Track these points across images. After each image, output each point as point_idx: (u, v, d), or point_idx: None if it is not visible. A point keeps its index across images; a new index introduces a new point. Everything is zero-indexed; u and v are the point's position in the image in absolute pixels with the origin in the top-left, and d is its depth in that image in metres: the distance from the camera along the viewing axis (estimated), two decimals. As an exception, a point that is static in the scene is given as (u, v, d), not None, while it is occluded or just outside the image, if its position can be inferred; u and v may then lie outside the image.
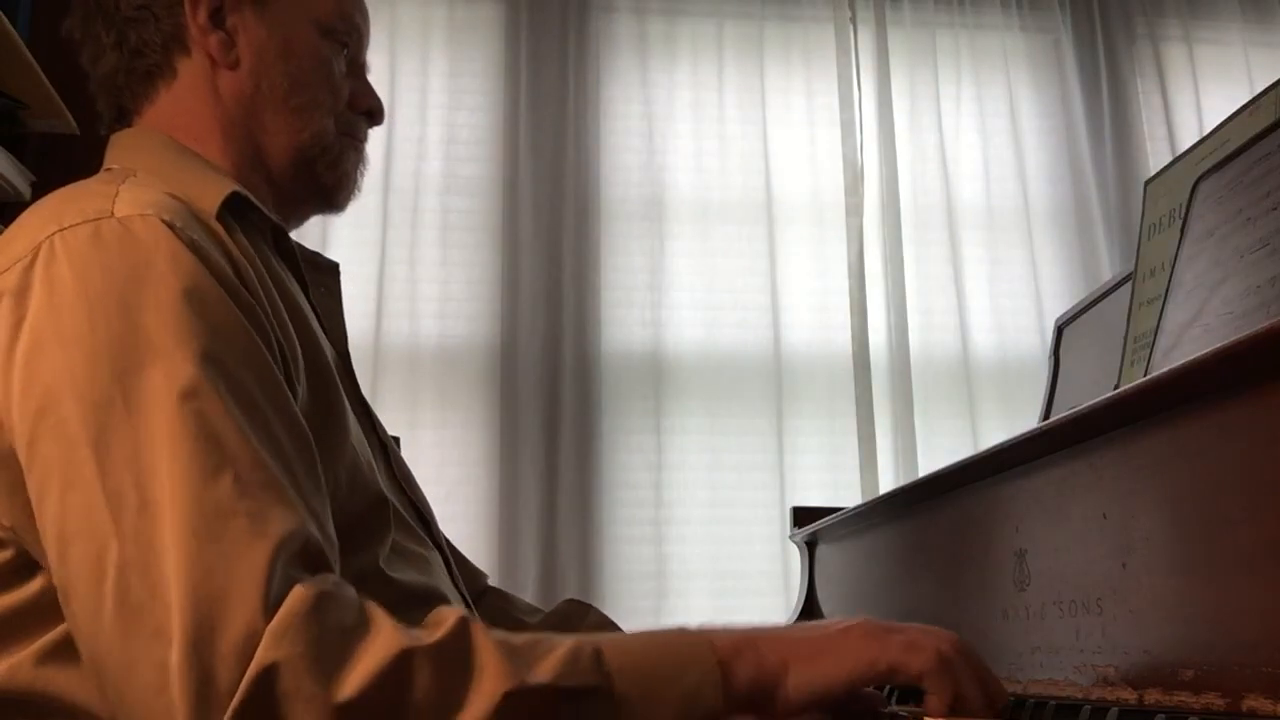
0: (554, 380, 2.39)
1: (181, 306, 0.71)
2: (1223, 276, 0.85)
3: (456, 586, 0.95)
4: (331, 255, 1.02)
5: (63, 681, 0.70)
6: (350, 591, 0.67)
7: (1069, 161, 2.69)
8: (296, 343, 0.81)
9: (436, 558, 0.94)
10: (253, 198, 0.88)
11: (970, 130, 2.68)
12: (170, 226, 0.74)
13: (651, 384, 2.43)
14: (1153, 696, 0.66)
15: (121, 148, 0.94)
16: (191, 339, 0.70)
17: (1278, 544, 0.57)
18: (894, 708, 0.82)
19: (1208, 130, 1.10)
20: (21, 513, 0.70)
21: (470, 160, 2.50)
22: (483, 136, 2.52)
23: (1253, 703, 0.58)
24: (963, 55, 2.71)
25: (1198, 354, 0.61)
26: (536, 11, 2.57)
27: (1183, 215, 0.96)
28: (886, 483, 2.39)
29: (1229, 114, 1.06)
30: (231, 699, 0.60)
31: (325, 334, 0.91)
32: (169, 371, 0.68)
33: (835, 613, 1.35)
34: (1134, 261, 1.19)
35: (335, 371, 0.87)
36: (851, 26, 2.71)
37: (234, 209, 0.84)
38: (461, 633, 0.66)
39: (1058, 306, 2.27)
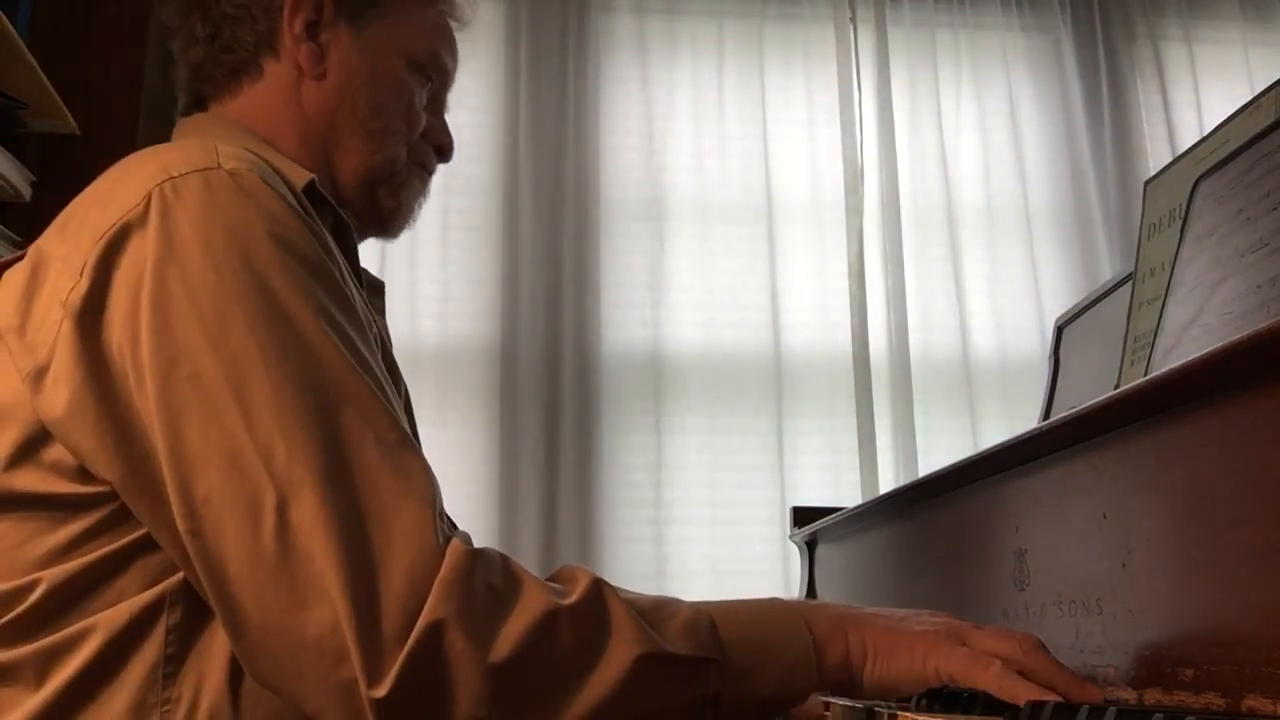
0: (554, 380, 2.38)
1: (300, 267, 0.73)
2: (1223, 276, 0.85)
3: None
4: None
5: None
6: (493, 551, 0.70)
7: (1069, 161, 2.69)
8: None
9: None
10: (324, 192, 0.88)
11: (970, 130, 2.68)
12: (273, 188, 0.76)
13: (651, 384, 2.43)
14: (1152, 696, 0.66)
15: (194, 131, 0.94)
16: (312, 299, 0.72)
17: (1277, 544, 0.57)
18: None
19: (1208, 130, 1.10)
20: (126, 465, 0.71)
21: (470, 160, 2.49)
22: (483, 136, 2.52)
23: (1253, 703, 0.58)
24: (963, 55, 2.71)
25: (1198, 354, 0.61)
26: (536, 11, 2.57)
27: (1183, 215, 0.96)
28: (886, 483, 2.39)
29: (1229, 114, 1.06)
30: (400, 649, 0.63)
31: None
32: (298, 331, 0.71)
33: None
34: (1134, 261, 1.19)
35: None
36: (851, 26, 2.71)
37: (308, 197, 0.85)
38: (597, 594, 0.71)
39: (1058, 306, 2.27)
